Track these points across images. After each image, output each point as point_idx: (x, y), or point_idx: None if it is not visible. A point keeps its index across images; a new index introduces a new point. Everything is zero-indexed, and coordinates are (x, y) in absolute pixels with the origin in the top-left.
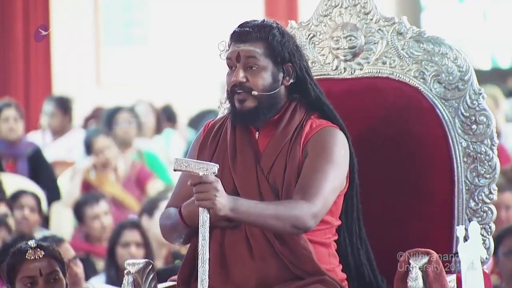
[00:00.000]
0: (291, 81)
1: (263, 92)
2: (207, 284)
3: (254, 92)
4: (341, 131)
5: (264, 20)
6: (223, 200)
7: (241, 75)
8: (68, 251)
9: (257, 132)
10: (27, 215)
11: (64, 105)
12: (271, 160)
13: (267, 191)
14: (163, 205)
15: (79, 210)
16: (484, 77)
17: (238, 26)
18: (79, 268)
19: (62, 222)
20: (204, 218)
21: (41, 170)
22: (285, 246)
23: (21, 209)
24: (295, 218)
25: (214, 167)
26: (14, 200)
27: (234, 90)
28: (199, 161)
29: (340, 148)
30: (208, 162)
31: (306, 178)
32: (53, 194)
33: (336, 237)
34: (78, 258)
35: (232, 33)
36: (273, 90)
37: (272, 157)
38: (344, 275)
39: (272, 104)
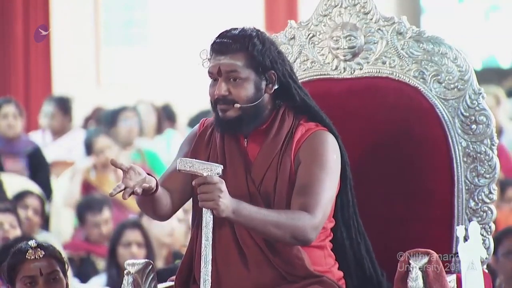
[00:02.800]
0: (274, 88)
1: (247, 103)
2: (209, 284)
3: (237, 105)
4: (330, 132)
5: (243, 29)
6: (227, 201)
7: (223, 88)
8: None
9: (245, 140)
10: (30, 216)
11: (64, 105)
12: (262, 171)
13: (258, 202)
14: None
15: (81, 212)
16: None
17: (218, 37)
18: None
19: (62, 222)
20: (207, 218)
21: (39, 169)
22: (277, 256)
23: (25, 209)
24: (296, 229)
25: (218, 168)
26: (18, 200)
27: (217, 102)
28: (203, 161)
29: (332, 153)
30: (212, 163)
31: (304, 189)
32: (46, 194)
33: (330, 237)
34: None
35: (212, 44)
36: (257, 100)
37: (263, 169)
38: (341, 274)
39: (257, 114)
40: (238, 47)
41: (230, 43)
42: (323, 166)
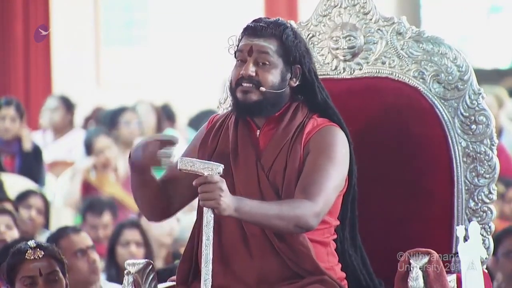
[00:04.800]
0: (297, 83)
1: (271, 89)
2: (210, 284)
3: (262, 88)
4: (345, 135)
5: (278, 19)
6: (228, 200)
7: (251, 69)
8: (86, 240)
9: (258, 130)
10: (34, 216)
11: (67, 102)
12: (272, 158)
13: (267, 188)
14: None
15: (83, 212)
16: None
17: (253, 21)
18: (96, 256)
19: (62, 222)
20: (208, 218)
21: (35, 168)
22: (283, 242)
23: (28, 209)
24: (298, 218)
25: (219, 167)
26: (21, 200)
27: (240, 83)
28: (204, 161)
29: (341, 147)
30: (213, 162)
31: (308, 177)
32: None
33: (334, 236)
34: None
35: (246, 27)
36: (280, 89)
37: (272, 155)
38: (343, 274)
39: (276, 102)
40: (272, 33)
41: (265, 27)
42: (330, 157)
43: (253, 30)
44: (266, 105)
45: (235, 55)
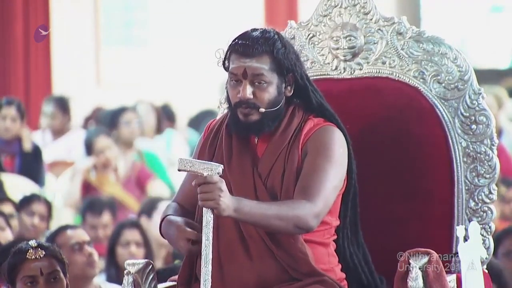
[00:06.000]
0: (292, 91)
1: (269, 107)
2: (210, 284)
3: (262, 110)
4: (342, 134)
5: (265, 31)
6: (227, 201)
7: (248, 91)
8: (82, 235)
9: (256, 138)
10: (37, 224)
11: (63, 105)
12: (269, 164)
13: (264, 195)
14: (162, 205)
15: (83, 212)
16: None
17: (240, 38)
18: (93, 250)
19: (62, 222)
20: (207, 218)
21: (35, 168)
22: (281, 249)
23: (31, 216)
24: (297, 218)
25: (219, 168)
26: (24, 205)
27: (238, 105)
28: (204, 161)
29: (338, 147)
30: (212, 163)
31: (307, 178)
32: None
33: (335, 237)
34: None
35: (235, 45)
36: (278, 103)
37: (270, 162)
38: (343, 275)
39: (275, 117)
40: (263, 50)
41: (255, 45)
42: (328, 157)
43: (244, 49)
44: (267, 121)
45: (224, 66)
